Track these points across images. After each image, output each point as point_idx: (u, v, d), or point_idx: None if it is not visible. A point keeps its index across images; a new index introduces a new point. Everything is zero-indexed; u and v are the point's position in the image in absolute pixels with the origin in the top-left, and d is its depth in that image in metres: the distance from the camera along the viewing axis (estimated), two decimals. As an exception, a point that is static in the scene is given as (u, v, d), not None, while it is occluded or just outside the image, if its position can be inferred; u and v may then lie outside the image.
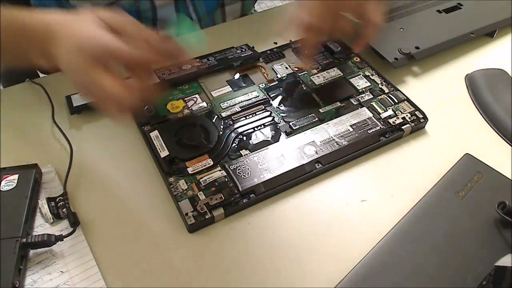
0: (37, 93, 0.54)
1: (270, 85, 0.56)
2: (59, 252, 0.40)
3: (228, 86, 0.56)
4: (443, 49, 0.62)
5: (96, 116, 0.52)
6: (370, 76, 0.58)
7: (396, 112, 0.53)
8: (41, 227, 0.42)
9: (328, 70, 0.59)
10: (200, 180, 0.45)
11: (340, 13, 0.49)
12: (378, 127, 0.51)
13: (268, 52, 0.61)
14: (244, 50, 0.60)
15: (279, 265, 0.41)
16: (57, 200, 0.43)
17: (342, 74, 0.58)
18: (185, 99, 0.54)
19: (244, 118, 0.52)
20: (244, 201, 0.44)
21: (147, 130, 0.50)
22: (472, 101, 0.58)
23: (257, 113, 0.53)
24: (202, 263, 0.41)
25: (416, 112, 0.53)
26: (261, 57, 0.60)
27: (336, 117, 0.52)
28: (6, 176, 0.43)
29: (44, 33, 0.41)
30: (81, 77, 0.39)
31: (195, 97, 0.54)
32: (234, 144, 0.49)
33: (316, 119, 0.52)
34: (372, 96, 0.55)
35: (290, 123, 0.51)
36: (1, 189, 0.42)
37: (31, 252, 0.40)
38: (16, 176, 0.43)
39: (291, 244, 0.42)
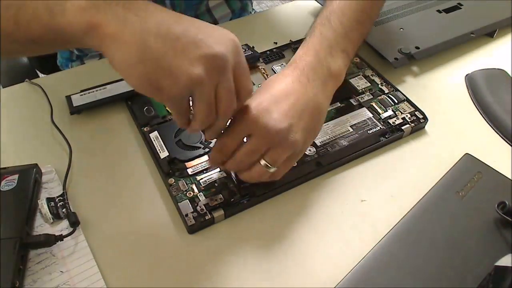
0: (36, 93, 0.54)
1: (270, 85, 0.56)
2: (59, 252, 0.40)
3: (228, 86, 0.56)
4: (443, 49, 0.62)
5: (96, 116, 0.52)
6: (370, 76, 0.58)
7: (396, 112, 0.53)
8: (41, 227, 0.42)
9: (328, 70, 0.59)
10: (200, 181, 0.45)
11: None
12: (378, 128, 0.51)
13: (268, 52, 0.61)
14: (244, 50, 0.60)
15: (279, 265, 0.41)
16: (56, 200, 0.43)
17: (342, 74, 0.58)
18: (185, 99, 0.54)
19: (244, 118, 0.52)
20: (244, 202, 0.44)
21: (147, 131, 0.50)
22: (472, 101, 0.58)
23: (257, 113, 0.52)
24: (202, 263, 0.41)
25: (416, 113, 0.53)
26: (261, 57, 0.60)
27: (336, 118, 0.52)
28: (6, 176, 0.43)
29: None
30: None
31: (195, 97, 0.54)
32: (234, 144, 0.49)
33: (316, 119, 0.52)
34: (372, 97, 0.55)
35: (290, 123, 0.51)
36: (1, 189, 0.42)
37: (31, 252, 0.40)
38: (16, 176, 0.43)
39: (291, 244, 0.42)
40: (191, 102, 0.36)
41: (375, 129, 0.51)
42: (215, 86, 0.34)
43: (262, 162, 0.40)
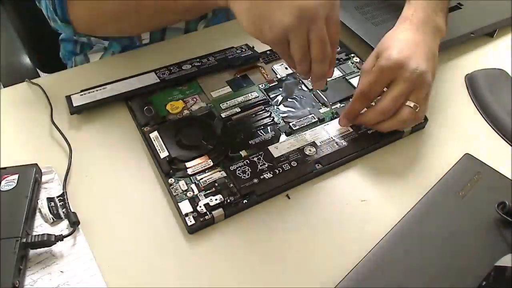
0: (36, 93, 0.54)
1: (270, 85, 0.56)
2: (59, 252, 0.40)
3: (228, 87, 0.56)
4: (442, 49, 0.62)
5: (96, 116, 0.52)
6: (370, 76, 0.58)
7: (396, 112, 0.53)
8: (41, 227, 0.42)
9: (328, 70, 0.59)
10: (200, 180, 0.45)
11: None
12: (378, 127, 0.51)
13: (268, 52, 0.61)
14: (244, 50, 0.60)
15: (279, 265, 0.41)
16: (56, 200, 0.43)
17: (342, 74, 0.58)
18: (185, 99, 0.54)
19: (243, 118, 0.52)
20: (244, 201, 0.44)
21: (147, 130, 0.50)
22: (472, 101, 0.58)
23: (257, 114, 0.53)
24: (202, 264, 0.41)
25: (416, 112, 0.53)
26: (261, 57, 0.60)
27: (336, 118, 0.52)
28: (6, 176, 0.43)
29: None
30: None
31: (195, 98, 0.54)
32: (233, 145, 0.49)
33: (316, 119, 0.52)
34: (372, 96, 0.55)
35: (290, 124, 0.51)
36: (1, 189, 0.42)
37: (31, 252, 0.40)
38: (16, 176, 0.43)
39: (291, 244, 0.42)
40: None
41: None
42: (307, 34, 0.41)
43: (411, 104, 0.47)
